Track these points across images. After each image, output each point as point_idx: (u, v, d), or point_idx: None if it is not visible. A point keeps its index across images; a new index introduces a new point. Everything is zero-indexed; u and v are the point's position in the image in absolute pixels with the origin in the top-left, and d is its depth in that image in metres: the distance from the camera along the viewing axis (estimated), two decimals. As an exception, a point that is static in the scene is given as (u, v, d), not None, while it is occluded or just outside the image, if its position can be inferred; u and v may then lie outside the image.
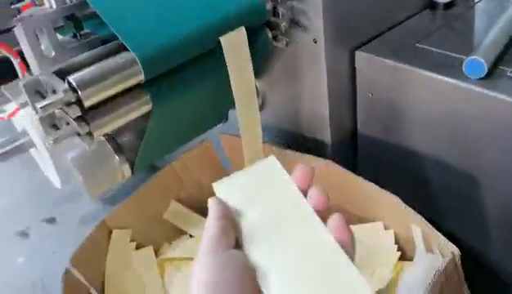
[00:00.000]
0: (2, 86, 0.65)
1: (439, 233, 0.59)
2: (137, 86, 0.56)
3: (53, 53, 0.59)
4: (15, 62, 0.69)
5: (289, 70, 0.73)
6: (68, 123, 0.54)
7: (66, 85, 0.50)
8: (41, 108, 0.49)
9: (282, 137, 0.80)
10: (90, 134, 0.54)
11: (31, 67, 0.61)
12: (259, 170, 0.44)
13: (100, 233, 0.77)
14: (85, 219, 1.13)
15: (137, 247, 0.80)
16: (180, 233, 0.84)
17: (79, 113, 0.51)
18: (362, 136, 0.74)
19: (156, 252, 0.81)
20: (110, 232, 0.78)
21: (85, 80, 0.51)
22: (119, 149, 0.67)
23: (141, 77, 0.54)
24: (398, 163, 0.71)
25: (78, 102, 0.51)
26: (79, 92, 0.51)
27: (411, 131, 0.67)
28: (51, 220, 1.16)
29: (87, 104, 0.52)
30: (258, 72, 0.75)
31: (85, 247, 0.74)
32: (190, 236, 0.83)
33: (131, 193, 0.81)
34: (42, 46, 0.61)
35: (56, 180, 0.93)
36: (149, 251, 0.81)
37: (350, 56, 0.69)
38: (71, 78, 0.51)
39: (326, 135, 0.73)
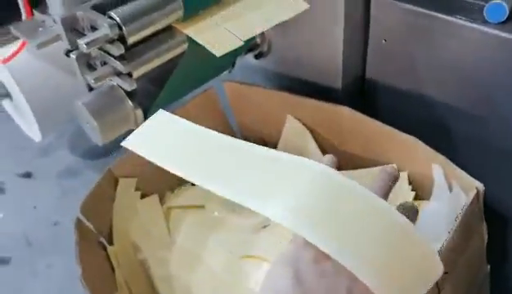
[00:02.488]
0: (12, 26, 0.60)
1: (461, 170, 0.61)
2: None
3: (76, -11, 0.56)
4: (20, 0, 0.64)
5: (301, 14, 0.72)
6: (105, 63, 0.51)
7: (110, 20, 0.48)
8: (86, 44, 0.47)
9: (287, 84, 0.80)
10: (129, 74, 0.52)
11: (49, 5, 0.57)
12: None
13: (106, 182, 0.75)
14: (63, 173, 1.09)
15: (142, 197, 0.79)
16: (181, 181, 0.84)
17: (123, 51, 0.49)
18: (371, 84, 0.75)
19: (160, 201, 0.81)
20: (117, 181, 0.76)
21: (128, 15, 0.49)
22: (130, 94, 0.65)
23: (181, 13, 0.53)
24: (410, 112, 0.72)
25: (121, 39, 0.49)
26: (123, 28, 0.48)
27: (426, 77, 0.68)
28: (27, 175, 1.11)
29: (130, 41, 0.49)
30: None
31: (93, 196, 0.72)
32: (192, 184, 0.83)
33: (113, 148, 0.78)
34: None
35: (35, 133, 0.89)
36: (154, 199, 0.80)
37: (365, 1, 0.70)
38: (113, 13, 0.49)
39: (337, 83, 0.74)
